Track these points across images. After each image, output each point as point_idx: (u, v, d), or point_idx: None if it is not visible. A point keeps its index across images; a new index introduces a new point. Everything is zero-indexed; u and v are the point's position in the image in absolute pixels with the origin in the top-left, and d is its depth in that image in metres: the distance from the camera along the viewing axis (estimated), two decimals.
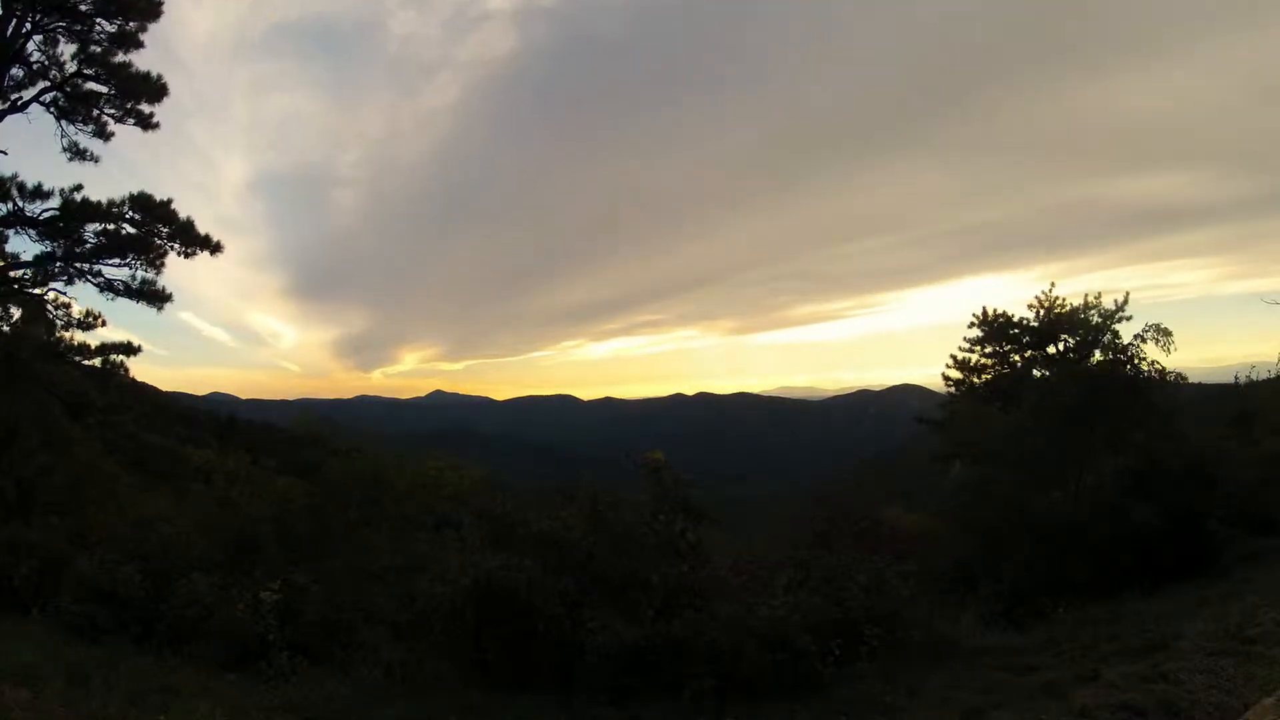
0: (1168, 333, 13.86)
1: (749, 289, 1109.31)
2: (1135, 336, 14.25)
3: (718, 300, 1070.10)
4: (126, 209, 15.08)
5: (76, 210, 14.89)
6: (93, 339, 15.40)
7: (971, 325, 23.71)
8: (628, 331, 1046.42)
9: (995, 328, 22.92)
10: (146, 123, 15.61)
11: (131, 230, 15.21)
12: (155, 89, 15.31)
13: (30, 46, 14.53)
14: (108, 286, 15.33)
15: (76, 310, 15.22)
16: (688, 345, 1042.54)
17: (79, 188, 14.91)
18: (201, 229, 15.56)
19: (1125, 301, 17.16)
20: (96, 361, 15.39)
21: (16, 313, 15.29)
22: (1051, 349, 20.98)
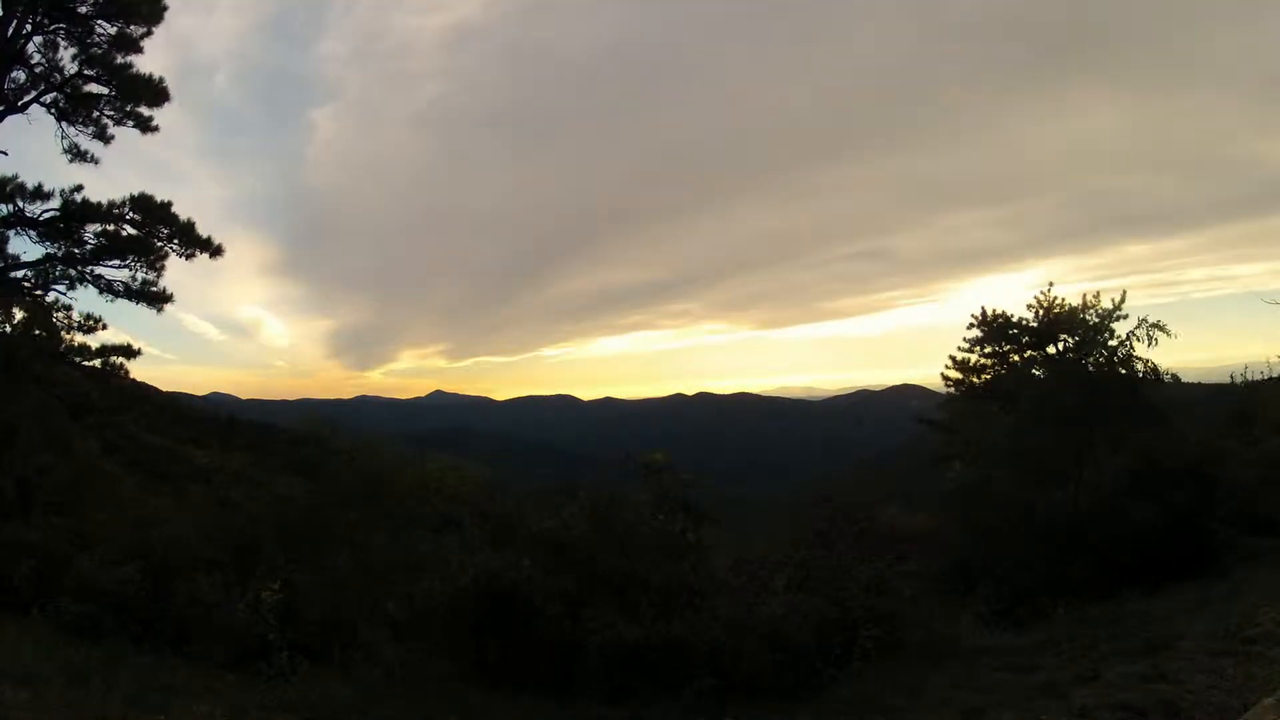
0: (1161, 328, 13.82)
1: (802, 273, 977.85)
2: (1128, 334, 14.23)
3: (760, 287, 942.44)
4: (127, 210, 15.10)
5: (77, 211, 14.90)
6: (93, 340, 15.42)
7: (970, 326, 23.72)
8: (647, 325, 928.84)
9: (994, 328, 22.91)
10: (146, 125, 15.62)
11: (132, 231, 15.23)
12: (155, 91, 15.32)
13: (31, 48, 14.56)
14: (108, 288, 15.34)
15: (77, 313, 15.25)
16: (713, 340, 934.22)
17: (79, 188, 14.94)
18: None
19: (1122, 300, 17.17)
20: (96, 362, 15.41)
21: (18, 314, 15.30)
22: (1051, 349, 20.97)
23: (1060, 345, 20.40)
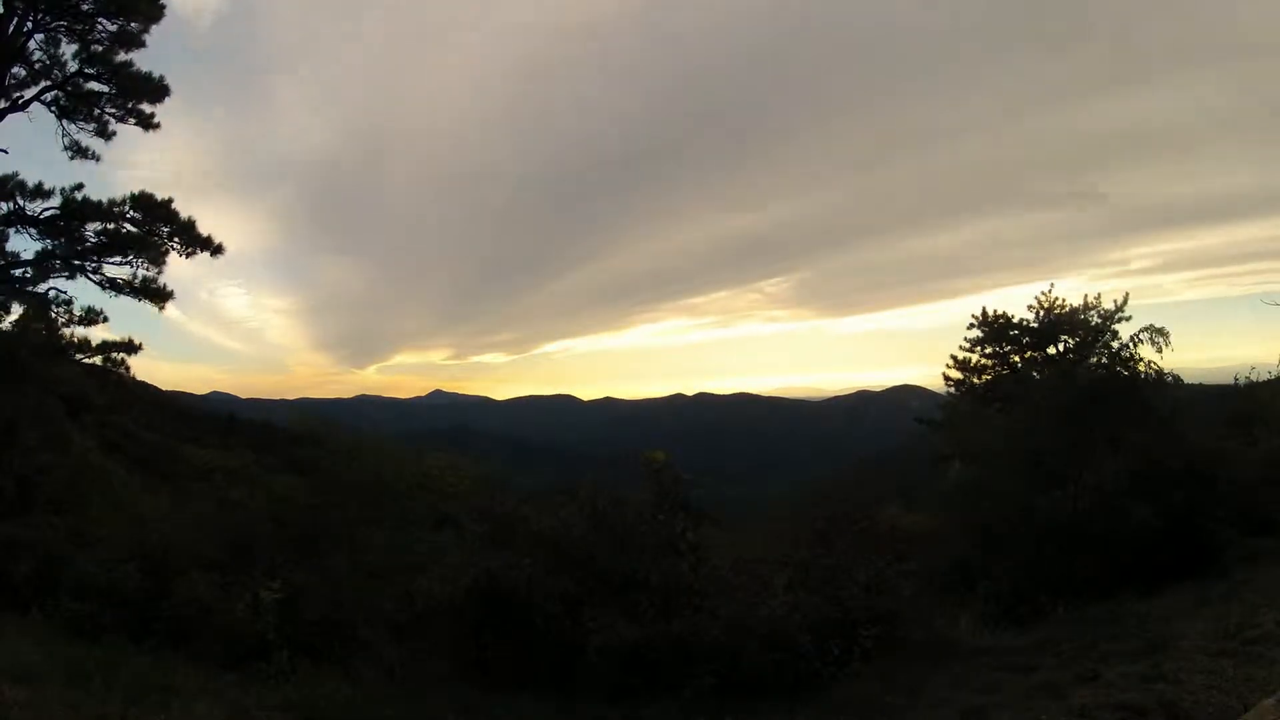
0: (1164, 333, 13.88)
1: (948, 234, 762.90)
2: (1131, 338, 14.29)
3: (873, 255, 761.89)
4: (127, 208, 15.12)
5: (77, 209, 14.92)
6: (93, 336, 15.43)
7: (971, 326, 23.75)
8: (695, 311, 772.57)
9: (995, 328, 22.94)
10: (147, 122, 15.65)
11: (132, 229, 15.25)
12: (156, 88, 15.34)
13: (32, 46, 14.56)
14: (109, 284, 15.37)
15: (77, 308, 15.27)
16: (766, 331, 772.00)
17: (80, 186, 14.96)
18: None
19: (1125, 302, 17.29)
20: (97, 359, 15.42)
21: (17, 311, 15.31)
22: (1051, 350, 21.00)
23: (1061, 346, 20.46)
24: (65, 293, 15.23)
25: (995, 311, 23.21)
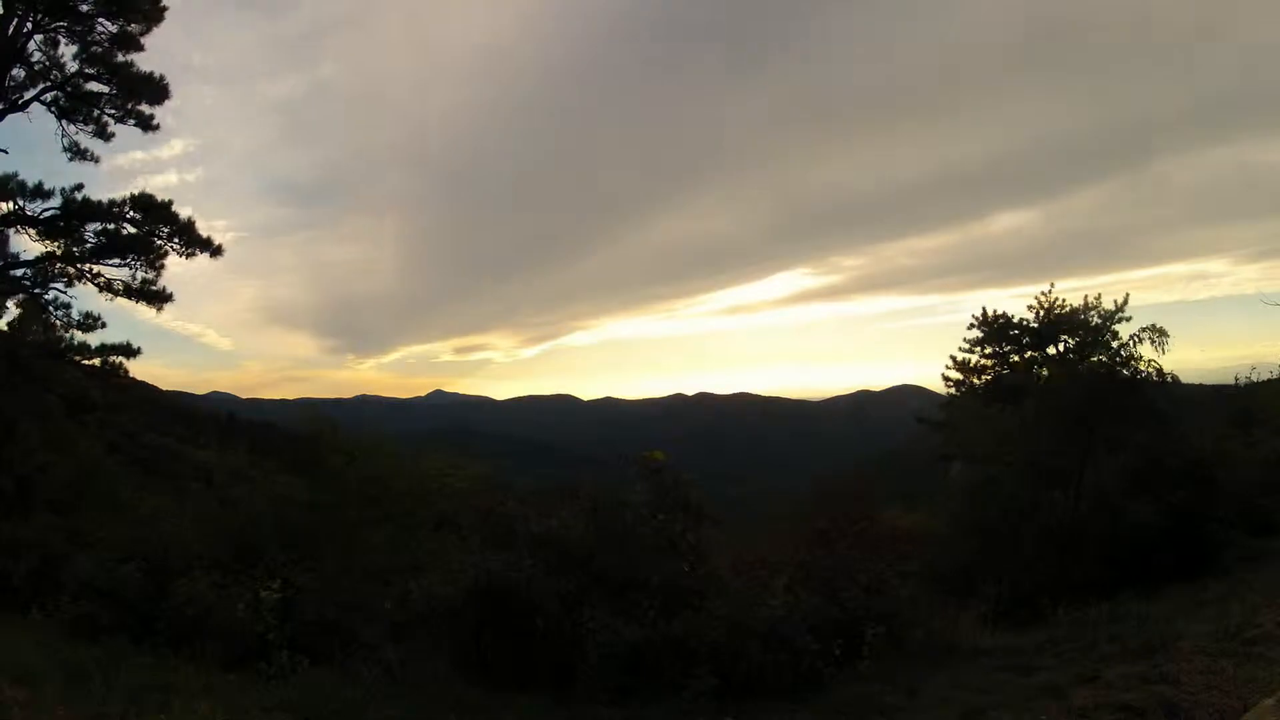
0: (1163, 333, 13.87)
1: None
2: (1131, 337, 14.27)
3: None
4: (127, 209, 15.11)
5: (77, 210, 14.91)
6: (93, 339, 15.43)
7: (971, 327, 23.72)
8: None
9: (995, 329, 22.90)
10: (147, 123, 15.64)
11: (132, 230, 15.24)
12: (156, 89, 15.33)
13: (31, 46, 14.56)
14: (107, 287, 15.35)
15: (76, 311, 15.25)
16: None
17: (80, 187, 14.95)
18: None
19: (1125, 302, 17.27)
20: (96, 361, 15.41)
21: (17, 312, 15.31)
22: (1052, 350, 20.97)
23: (1061, 346, 20.43)
24: (65, 292, 15.24)
25: (995, 311, 23.20)
